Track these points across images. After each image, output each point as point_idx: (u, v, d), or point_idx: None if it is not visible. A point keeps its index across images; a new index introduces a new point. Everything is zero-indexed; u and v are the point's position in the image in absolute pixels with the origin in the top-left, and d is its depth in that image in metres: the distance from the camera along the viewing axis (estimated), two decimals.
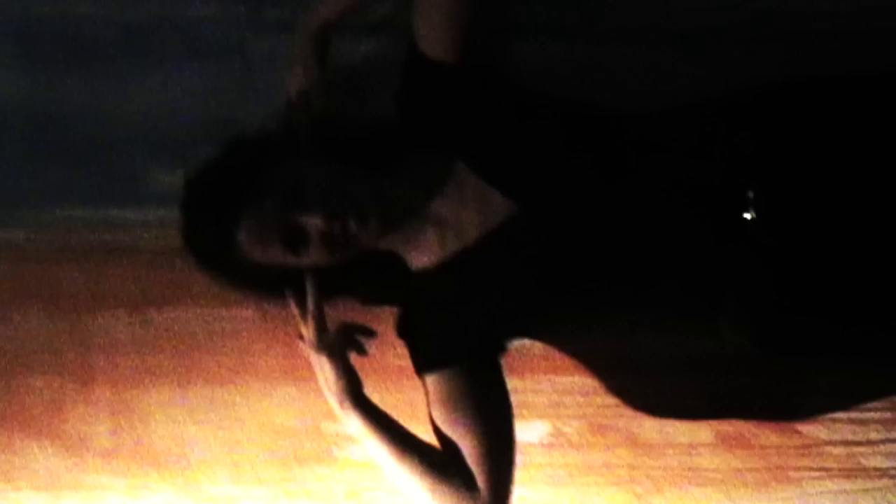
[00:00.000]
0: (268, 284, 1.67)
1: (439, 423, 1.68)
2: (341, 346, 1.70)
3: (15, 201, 1.90)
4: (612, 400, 1.96)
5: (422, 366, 1.70)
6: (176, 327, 1.93)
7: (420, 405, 1.71)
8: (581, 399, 1.95)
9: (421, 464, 1.67)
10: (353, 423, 1.70)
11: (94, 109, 1.89)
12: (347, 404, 1.69)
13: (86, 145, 1.90)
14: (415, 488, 1.69)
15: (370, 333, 1.73)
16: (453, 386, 1.67)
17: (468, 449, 1.66)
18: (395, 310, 1.75)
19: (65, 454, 1.95)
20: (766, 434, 1.97)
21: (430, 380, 1.68)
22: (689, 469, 1.97)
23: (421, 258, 1.70)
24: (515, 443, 1.69)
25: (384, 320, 1.77)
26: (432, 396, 1.69)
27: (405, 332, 1.74)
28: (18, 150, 1.90)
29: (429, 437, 1.70)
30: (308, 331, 1.70)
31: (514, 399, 1.70)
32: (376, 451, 1.70)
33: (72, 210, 1.91)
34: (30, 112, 1.90)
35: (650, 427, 1.96)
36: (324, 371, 1.70)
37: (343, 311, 1.73)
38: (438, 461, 1.67)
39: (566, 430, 1.93)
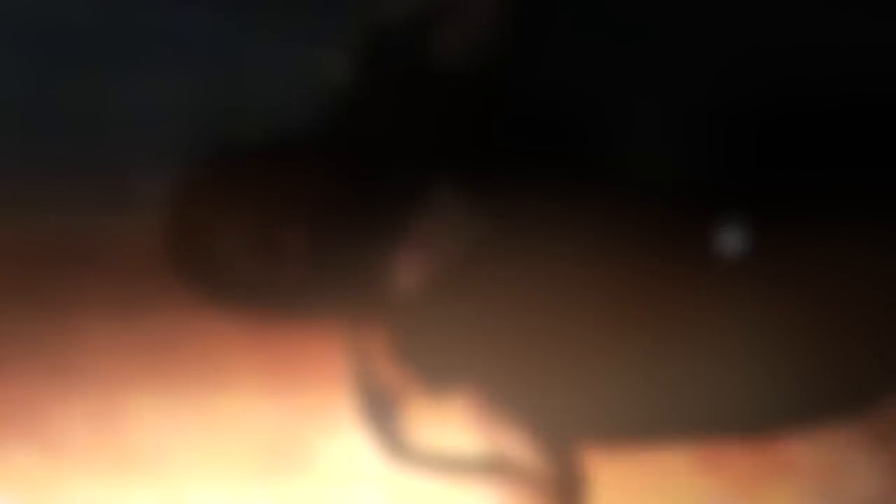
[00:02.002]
0: (246, 298, 1.68)
1: (478, 431, 1.69)
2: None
3: (2, 203, 1.90)
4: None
5: (432, 389, 1.71)
6: (159, 334, 1.93)
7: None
8: None
9: (491, 475, 1.67)
10: (413, 471, 1.72)
11: (84, 114, 1.89)
12: (398, 461, 1.71)
13: (74, 150, 1.90)
14: (500, 498, 1.70)
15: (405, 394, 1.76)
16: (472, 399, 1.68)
17: (518, 442, 1.67)
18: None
19: (44, 457, 1.96)
20: (739, 451, 1.97)
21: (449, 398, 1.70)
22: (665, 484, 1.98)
23: (404, 276, 1.71)
24: None
25: None
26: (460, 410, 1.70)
27: (401, 360, 1.74)
28: (6, 152, 1.91)
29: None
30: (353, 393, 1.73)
31: None
32: (447, 481, 1.71)
33: (58, 213, 1.91)
34: (19, 114, 1.91)
35: None
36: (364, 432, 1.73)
37: None
38: (503, 465, 1.67)
39: None
